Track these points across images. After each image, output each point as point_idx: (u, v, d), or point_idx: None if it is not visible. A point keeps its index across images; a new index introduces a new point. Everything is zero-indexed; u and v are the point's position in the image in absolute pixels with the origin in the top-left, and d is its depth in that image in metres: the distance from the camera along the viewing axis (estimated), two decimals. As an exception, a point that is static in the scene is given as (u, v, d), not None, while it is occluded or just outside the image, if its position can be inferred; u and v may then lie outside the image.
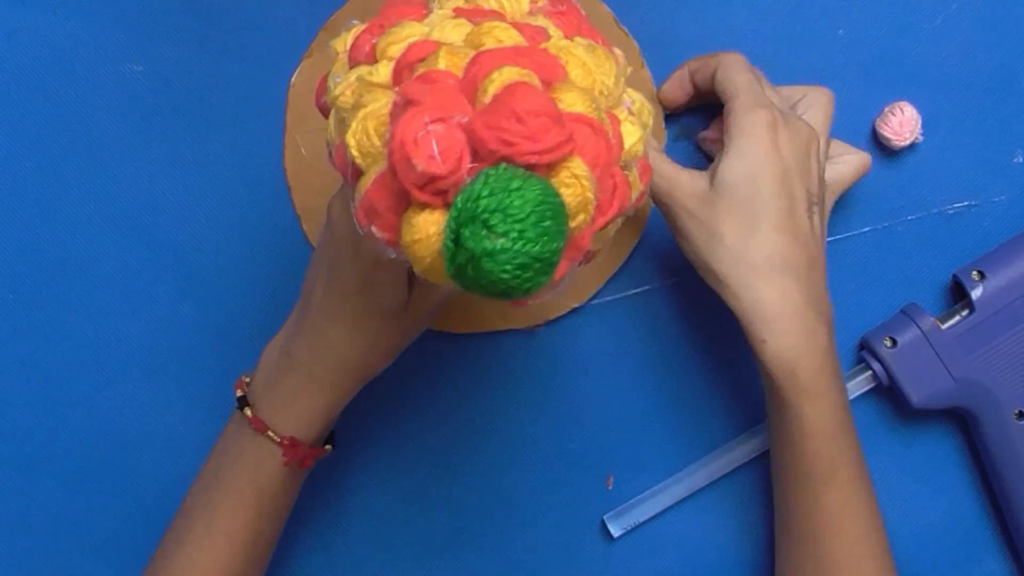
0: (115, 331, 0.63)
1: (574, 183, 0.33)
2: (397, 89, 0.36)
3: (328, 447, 0.56)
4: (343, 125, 0.37)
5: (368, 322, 0.51)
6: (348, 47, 0.40)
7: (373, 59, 0.38)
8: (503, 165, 0.31)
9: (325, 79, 0.41)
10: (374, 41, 0.38)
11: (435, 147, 0.32)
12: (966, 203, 0.62)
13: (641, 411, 0.63)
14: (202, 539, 0.54)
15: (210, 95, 0.61)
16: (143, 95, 0.62)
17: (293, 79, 0.61)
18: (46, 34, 0.61)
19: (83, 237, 0.62)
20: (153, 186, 0.62)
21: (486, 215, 0.30)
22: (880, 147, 0.61)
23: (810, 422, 0.52)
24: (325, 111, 0.42)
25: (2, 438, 0.63)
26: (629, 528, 0.63)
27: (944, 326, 0.59)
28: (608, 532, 0.63)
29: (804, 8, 0.61)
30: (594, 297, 0.62)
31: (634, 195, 0.38)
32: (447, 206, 0.32)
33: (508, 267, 0.30)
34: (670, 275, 0.62)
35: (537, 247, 0.30)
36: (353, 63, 0.40)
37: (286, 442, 0.52)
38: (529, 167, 0.31)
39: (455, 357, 0.63)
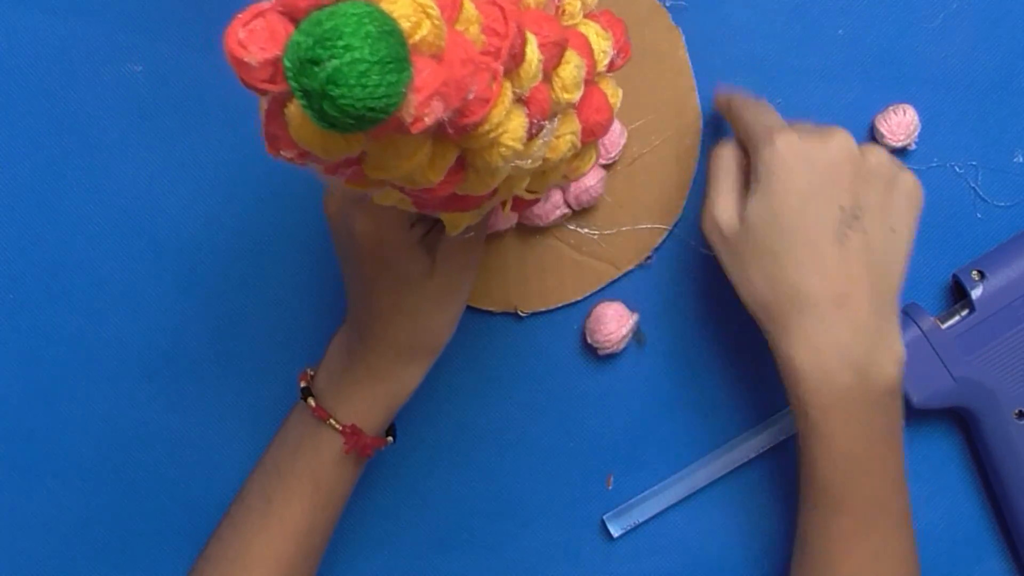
0: (115, 331, 0.63)
1: None
2: None
3: (389, 439, 0.57)
4: None
5: (401, 301, 0.52)
6: None
7: None
8: (314, 12, 0.32)
9: None
10: None
11: (258, 37, 0.32)
12: (966, 203, 0.62)
13: (641, 411, 0.63)
14: (257, 525, 0.55)
15: (210, 95, 0.61)
16: (143, 95, 0.62)
17: None
18: (46, 34, 0.61)
19: (83, 237, 0.62)
20: (153, 186, 0.62)
21: (310, 54, 0.31)
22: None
23: (812, 454, 0.52)
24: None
25: (2, 438, 0.63)
26: (629, 528, 0.63)
27: (944, 326, 0.59)
28: (608, 532, 0.63)
29: (804, 8, 0.61)
30: (593, 294, 0.62)
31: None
32: None
33: (352, 80, 0.30)
34: (674, 278, 0.62)
35: (366, 49, 0.30)
36: None
37: (347, 430, 0.54)
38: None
39: (454, 357, 0.63)
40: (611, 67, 0.47)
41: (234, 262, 0.63)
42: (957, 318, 0.59)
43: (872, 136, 0.61)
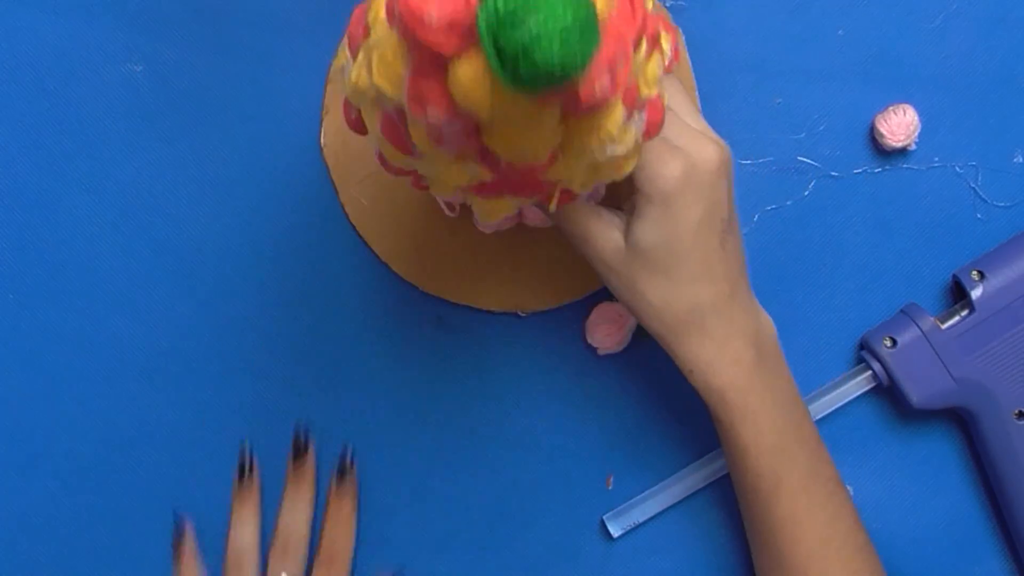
0: (115, 331, 0.63)
1: None
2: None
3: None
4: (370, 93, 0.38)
5: None
6: (345, 42, 0.41)
7: (368, 33, 0.39)
8: None
9: (348, 102, 0.42)
10: (366, 21, 0.39)
11: None
12: (966, 203, 0.62)
13: (641, 411, 0.63)
14: None
15: (211, 95, 0.62)
16: (144, 95, 0.62)
17: (322, 140, 0.61)
18: (46, 34, 0.61)
19: (83, 237, 0.62)
20: (154, 186, 0.62)
21: (512, 16, 0.31)
22: (876, 147, 0.61)
23: (744, 440, 0.53)
24: (357, 125, 0.42)
25: (2, 438, 0.63)
26: (628, 528, 0.63)
27: (944, 326, 0.59)
28: (608, 532, 0.63)
29: (804, 8, 0.61)
30: (593, 294, 0.62)
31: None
32: (476, 42, 0.33)
33: (556, 43, 0.31)
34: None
35: (569, 12, 0.31)
36: (354, 50, 0.40)
37: None
38: None
39: (454, 357, 0.63)
40: (666, 69, 0.47)
41: (234, 262, 0.63)
42: (957, 318, 0.59)
43: (872, 139, 0.61)
